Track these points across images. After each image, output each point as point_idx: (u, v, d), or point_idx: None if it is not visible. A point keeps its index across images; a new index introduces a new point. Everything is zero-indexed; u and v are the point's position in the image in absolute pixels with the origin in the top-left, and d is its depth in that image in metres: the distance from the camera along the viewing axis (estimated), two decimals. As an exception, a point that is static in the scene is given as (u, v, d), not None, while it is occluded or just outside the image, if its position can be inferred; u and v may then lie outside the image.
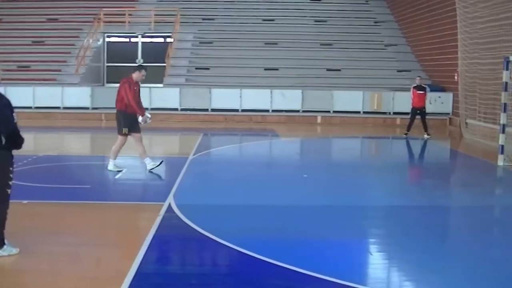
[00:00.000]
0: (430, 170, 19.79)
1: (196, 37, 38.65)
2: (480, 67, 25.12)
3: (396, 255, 9.98)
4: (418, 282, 8.79)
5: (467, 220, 12.70)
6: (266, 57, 36.58)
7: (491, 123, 23.68)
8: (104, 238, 10.39)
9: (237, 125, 30.43)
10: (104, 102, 32.15)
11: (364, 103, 32.36)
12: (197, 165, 17.86)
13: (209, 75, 35.31)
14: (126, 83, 16.06)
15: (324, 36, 38.81)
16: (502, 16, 23.15)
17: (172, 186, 14.43)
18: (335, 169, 18.83)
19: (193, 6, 41.63)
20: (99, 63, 38.49)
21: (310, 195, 14.36)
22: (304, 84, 33.94)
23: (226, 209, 12.70)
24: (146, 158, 16.21)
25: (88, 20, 38.38)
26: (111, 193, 14.44)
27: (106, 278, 8.47)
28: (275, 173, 17.59)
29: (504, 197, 15.47)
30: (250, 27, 39.59)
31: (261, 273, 8.80)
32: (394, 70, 36.30)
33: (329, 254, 9.75)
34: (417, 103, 25.71)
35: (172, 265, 9.34)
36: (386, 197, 14.60)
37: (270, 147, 24.60)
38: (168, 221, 11.34)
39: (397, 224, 12.07)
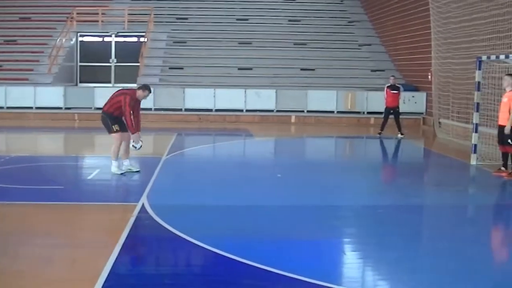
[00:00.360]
0: (404, 169, 19.86)
1: (170, 36, 38.54)
2: (453, 66, 25.23)
3: (370, 254, 9.97)
4: (392, 281, 8.79)
5: (441, 219, 12.74)
6: (240, 57, 36.55)
7: (464, 123, 23.81)
8: (77, 239, 10.31)
9: (211, 125, 30.38)
10: (77, 102, 32.07)
11: (338, 103, 32.42)
12: (170, 165, 17.80)
13: (183, 75, 35.21)
14: (128, 95, 15.63)
15: (298, 36, 38.83)
16: (474, 16, 23.26)
17: (146, 186, 14.36)
18: (309, 169, 18.81)
19: (167, 6, 41.51)
20: (72, 63, 38.25)
21: (284, 195, 14.33)
22: (278, 84, 33.95)
23: (199, 209, 12.65)
24: (115, 160, 16.00)
25: (61, 19, 38.12)
26: (85, 194, 14.29)
27: (79, 279, 8.39)
28: (248, 173, 17.54)
29: (477, 196, 15.52)
30: (224, 26, 39.52)
31: (234, 273, 8.77)
32: (368, 69, 36.39)
33: (303, 253, 9.73)
34: (391, 103, 25.78)
35: (145, 266, 9.29)
36: (360, 197, 14.60)
37: (244, 147, 24.57)
38: (142, 221, 11.29)
39: (370, 223, 12.07)
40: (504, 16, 20.89)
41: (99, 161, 19.04)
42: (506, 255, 10.55)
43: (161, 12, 40.40)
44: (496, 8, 21.48)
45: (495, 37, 21.49)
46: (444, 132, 26.02)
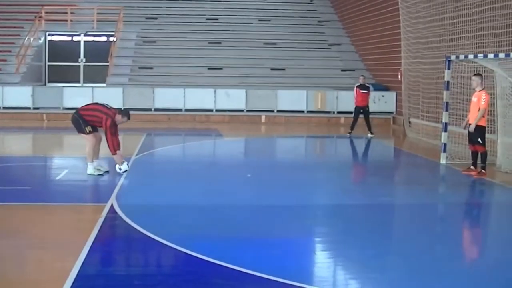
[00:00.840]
0: (374, 168, 19.89)
1: (140, 36, 38.36)
2: (422, 66, 25.34)
3: (340, 253, 9.97)
4: (362, 279, 8.78)
5: (411, 218, 12.80)
6: (210, 56, 36.47)
7: (434, 122, 23.91)
8: (45, 240, 10.19)
9: (180, 124, 30.26)
10: (45, 102, 31.81)
11: (308, 102, 32.44)
12: (140, 166, 17.68)
13: (152, 75, 35.08)
14: (110, 118, 15.35)
15: (268, 35, 38.83)
16: (444, 16, 23.37)
17: (115, 186, 14.27)
18: (279, 168, 18.80)
19: (137, 5, 41.30)
20: (40, 62, 37.94)
21: (253, 195, 14.31)
22: (248, 84, 33.92)
23: (169, 209, 12.60)
24: (91, 162, 15.85)
25: (29, 18, 37.77)
26: (53, 194, 14.16)
27: (47, 280, 8.30)
28: (218, 173, 17.49)
29: (446, 195, 15.61)
30: (193, 26, 39.43)
31: (203, 273, 8.70)
32: (338, 69, 36.48)
33: (273, 253, 9.68)
34: (361, 102, 25.83)
35: (114, 266, 9.20)
36: (330, 196, 14.64)
37: (214, 147, 24.50)
38: (110, 221, 11.22)
39: (340, 222, 12.07)
40: (472, 16, 21.01)
41: (67, 161, 18.90)
42: (475, 253, 10.61)
43: (131, 11, 40.19)
44: (465, 8, 21.58)
45: (464, 37, 21.61)
46: (414, 131, 26.12)
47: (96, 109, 15.79)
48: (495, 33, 19.55)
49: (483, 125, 16.80)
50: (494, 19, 19.71)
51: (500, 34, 19.18)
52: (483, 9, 20.24)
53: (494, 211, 14.26)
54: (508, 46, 18.59)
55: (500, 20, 19.35)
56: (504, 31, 18.98)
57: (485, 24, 20.13)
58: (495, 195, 15.64)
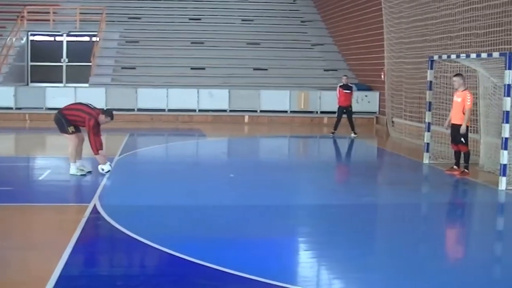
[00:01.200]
0: (357, 168, 19.93)
1: (122, 36, 38.26)
2: (405, 66, 25.40)
3: (323, 253, 9.96)
4: (346, 279, 8.79)
5: (394, 218, 12.82)
6: (193, 57, 36.41)
7: (417, 122, 23.97)
8: (27, 241, 10.16)
9: (163, 125, 30.19)
10: (28, 102, 31.65)
11: (291, 102, 32.43)
12: (123, 166, 17.63)
13: (135, 75, 34.96)
14: (93, 119, 15.31)
15: (251, 36, 38.82)
16: (426, 16, 23.45)
17: (98, 187, 14.23)
18: (262, 168, 18.79)
19: (119, 5, 41.20)
20: (22, 62, 37.76)
21: (236, 195, 14.32)
22: (231, 84, 33.88)
23: (152, 209, 12.57)
24: (73, 162, 15.77)
25: (11, 18, 37.56)
26: (35, 195, 14.10)
27: (30, 281, 8.27)
28: (201, 173, 17.47)
29: (429, 194, 15.65)
30: (176, 26, 39.37)
31: (186, 273, 8.70)
32: (321, 69, 36.50)
33: (256, 253, 9.69)
34: (344, 102, 25.84)
35: (97, 267, 9.17)
36: (313, 196, 14.67)
37: (197, 147, 24.46)
38: (93, 222, 11.18)
39: (324, 222, 12.06)
40: (455, 16, 21.09)
41: (50, 161, 18.82)
42: (458, 253, 10.64)
43: (113, 11, 40.06)
44: (448, 8, 21.66)
45: (446, 37, 21.69)
46: (397, 131, 26.18)
47: (79, 109, 15.72)
48: (477, 33, 19.62)
49: (467, 125, 16.87)
50: (477, 19, 19.78)
51: (483, 34, 19.24)
52: (466, 9, 20.32)
53: (477, 211, 14.33)
54: (490, 46, 18.64)
55: (483, 20, 19.42)
56: (487, 31, 19.05)
57: (467, 24, 20.21)
58: (478, 195, 15.68)
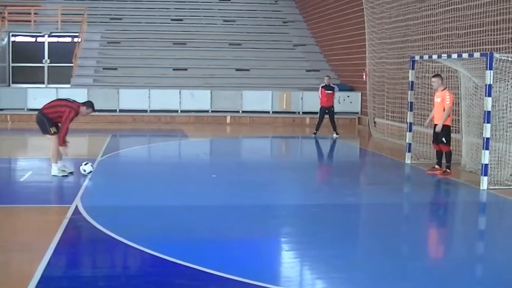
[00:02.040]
0: (339, 169, 19.95)
1: (104, 37, 38.16)
2: (387, 66, 25.49)
3: (305, 253, 9.97)
4: (329, 279, 8.79)
5: (375, 217, 12.86)
6: (175, 57, 36.39)
7: (399, 122, 24.05)
8: (9, 242, 10.10)
9: (145, 125, 30.15)
10: (9, 103, 31.54)
11: (273, 103, 32.48)
12: (105, 167, 17.57)
13: (117, 75, 34.87)
14: (73, 111, 15.32)
15: (233, 36, 38.83)
16: (408, 17, 23.53)
17: (80, 188, 14.18)
18: (244, 169, 18.80)
19: (101, 5, 41.09)
20: (4, 63, 37.57)
21: (219, 195, 14.32)
22: (213, 84, 33.89)
23: (133, 210, 12.55)
24: (55, 163, 15.72)
25: (-8, 18, 37.48)
26: (17, 196, 14.05)
27: (11, 282, 8.24)
28: (183, 174, 17.45)
29: (411, 194, 15.73)
30: (158, 26, 39.32)
31: (167, 273, 8.69)
32: (303, 70, 36.55)
33: (237, 253, 9.70)
34: (326, 103, 25.86)
35: (78, 268, 9.12)
36: (295, 196, 14.71)
37: (179, 148, 24.43)
38: (75, 223, 11.14)
39: (305, 222, 12.07)
40: (436, 16, 21.19)
41: (32, 163, 18.75)
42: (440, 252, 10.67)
43: (95, 12, 39.95)
44: (429, 9, 21.76)
45: (428, 37, 21.79)
46: (379, 131, 26.25)
47: (59, 105, 15.66)
48: (458, 33, 19.72)
49: (448, 125, 16.95)
50: (458, 19, 19.88)
51: (464, 35, 19.34)
52: (447, 10, 20.42)
53: (459, 210, 14.40)
54: (471, 46, 18.74)
55: (464, 20, 19.51)
56: (468, 32, 19.14)
57: (449, 25, 20.31)
58: (460, 195, 15.72)
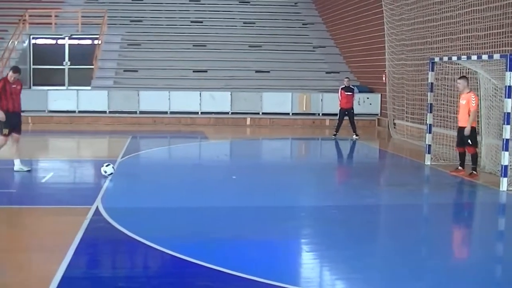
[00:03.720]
0: (359, 170, 19.95)
1: (124, 39, 38.31)
2: (407, 68, 25.43)
3: (325, 254, 10.00)
4: (348, 280, 8.81)
5: (396, 218, 12.87)
6: (195, 59, 36.48)
7: (418, 123, 23.99)
8: (29, 243, 10.23)
9: (166, 127, 30.25)
10: (30, 105, 31.59)
11: (293, 105, 32.46)
12: (125, 168, 17.65)
13: (137, 77, 35.01)
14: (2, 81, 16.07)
15: (252, 38, 38.88)
16: (427, 18, 23.47)
17: (100, 189, 14.26)
18: (264, 170, 18.83)
19: (121, 8, 41.26)
20: (25, 66, 37.71)
21: (239, 197, 14.37)
22: (233, 86, 33.91)
23: (154, 211, 12.62)
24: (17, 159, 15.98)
25: (13, 21, 37.62)
26: (38, 197, 14.19)
27: (32, 283, 8.33)
28: (203, 175, 17.49)
29: (430, 195, 15.69)
30: (178, 29, 39.44)
31: (189, 274, 8.75)
32: (323, 71, 36.53)
33: (257, 254, 9.75)
34: (345, 104, 25.86)
35: (99, 269, 9.18)
36: (315, 198, 14.73)
37: (199, 149, 24.52)
38: (96, 224, 11.21)
39: (326, 224, 12.09)
40: (456, 18, 21.11)
41: (53, 164, 18.88)
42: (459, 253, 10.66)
43: (115, 14, 40.13)
44: (448, 10, 21.69)
45: (447, 39, 21.72)
46: (399, 133, 26.20)
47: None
48: (478, 35, 19.65)
49: (474, 127, 16.92)
50: (477, 21, 19.81)
51: (483, 36, 19.28)
52: (467, 11, 20.33)
53: (478, 212, 14.38)
54: (491, 48, 18.68)
55: (483, 22, 19.45)
56: (487, 33, 19.07)
57: (468, 26, 20.23)
58: (479, 196, 15.67)
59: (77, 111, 31.64)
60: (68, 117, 31.20)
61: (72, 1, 41.24)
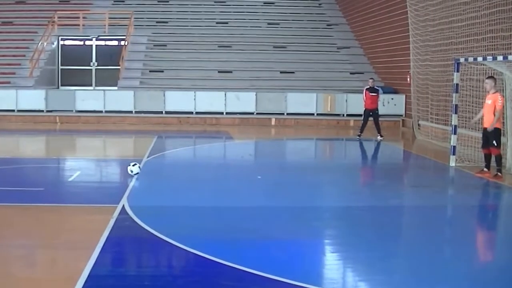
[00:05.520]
0: (383, 171, 19.96)
1: (150, 39, 38.51)
2: (431, 69, 25.37)
3: (349, 255, 10.05)
4: (371, 281, 8.87)
5: (420, 220, 12.86)
6: (220, 60, 36.62)
7: (443, 124, 23.95)
8: (57, 241, 10.33)
9: (191, 127, 30.39)
10: (58, 105, 32.01)
11: (318, 105, 32.48)
12: (151, 167, 17.79)
13: (163, 78, 35.21)
14: None
15: (277, 39, 38.92)
16: (452, 19, 23.41)
17: (126, 188, 14.39)
18: (289, 170, 18.90)
19: (147, 9, 41.51)
20: (53, 66, 38.12)
21: (264, 197, 14.42)
22: (258, 87, 34.00)
23: (179, 210, 12.74)
24: None
25: (43, 23, 37.93)
26: (65, 196, 14.34)
27: (59, 280, 8.45)
28: (229, 175, 17.60)
29: (455, 197, 15.65)
30: (203, 29, 39.57)
31: (213, 274, 8.83)
32: (347, 72, 36.54)
33: (280, 254, 9.80)
34: (370, 105, 25.88)
35: (125, 267, 9.32)
36: (340, 198, 14.74)
37: (224, 149, 24.63)
38: (122, 223, 11.33)
39: (350, 224, 12.15)
40: (481, 19, 21.05)
41: (80, 163, 19.05)
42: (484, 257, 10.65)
43: (141, 15, 40.37)
44: (473, 11, 21.64)
45: (472, 39, 21.65)
46: (423, 134, 26.15)
47: None
48: (503, 35, 19.59)
49: (499, 127, 16.89)
50: (503, 21, 19.74)
51: (509, 37, 19.23)
52: (492, 12, 20.27)
53: (503, 214, 14.32)
54: (516, 48, 18.68)
55: (509, 22, 19.40)
56: (513, 34, 19.06)
57: (493, 27, 20.17)
58: (504, 198, 15.60)
59: (104, 111, 31.87)
60: (95, 116, 31.45)
61: (99, 2, 41.53)
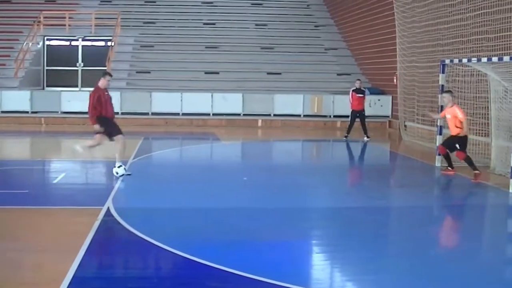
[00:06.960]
0: (370, 172, 20.00)
1: (137, 40, 38.48)
2: (418, 70, 25.45)
3: (337, 256, 10.07)
4: (359, 281, 8.90)
5: (407, 220, 12.93)
6: (207, 61, 36.61)
7: (429, 125, 24.01)
8: (41, 243, 10.29)
9: (178, 128, 30.33)
10: (43, 106, 31.87)
11: (305, 106, 32.50)
12: (137, 169, 17.73)
13: (150, 79, 35.18)
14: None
15: (265, 40, 38.96)
16: (439, 21, 23.49)
17: (111, 190, 14.37)
18: (275, 172, 18.88)
19: (134, 10, 41.47)
20: (39, 67, 38.00)
21: (250, 198, 14.42)
22: (245, 88, 33.99)
23: (165, 212, 12.72)
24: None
25: (28, 22, 37.82)
26: (50, 198, 14.28)
27: (43, 282, 8.42)
28: (215, 177, 17.56)
29: (441, 197, 15.77)
30: (191, 30, 39.58)
31: (199, 275, 8.81)
32: (334, 73, 36.61)
33: (268, 256, 9.81)
34: (357, 106, 25.92)
35: (110, 269, 9.30)
36: (327, 199, 14.77)
37: (211, 151, 24.60)
38: (107, 225, 11.32)
39: (337, 225, 12.19)
40: (466, 21, 21.15)
41: (65, 165, 18.99)
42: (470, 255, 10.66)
43: (128, 16, 40.34)
44: (459, 13, 21.73)
45: (458, 41, 21.74)
46: (410, 134, 26.21)
47: None
48: (489, 37, 19.69)
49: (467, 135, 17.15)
50: (488, 23, 19.84)
51: (494, 39, 19.32)
52: (478, 14, 20.36)
53: (488, 213, 14.39)
54: (501, 50, 18.73)
55: (494, 24, 19.48)
56: (498, 36, 19.12)
57: (479, 29, 20.27)
58: (489, 197, 15.72)
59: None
60: (81, 118, 31.32)
61: (86, 2, 41.47)
